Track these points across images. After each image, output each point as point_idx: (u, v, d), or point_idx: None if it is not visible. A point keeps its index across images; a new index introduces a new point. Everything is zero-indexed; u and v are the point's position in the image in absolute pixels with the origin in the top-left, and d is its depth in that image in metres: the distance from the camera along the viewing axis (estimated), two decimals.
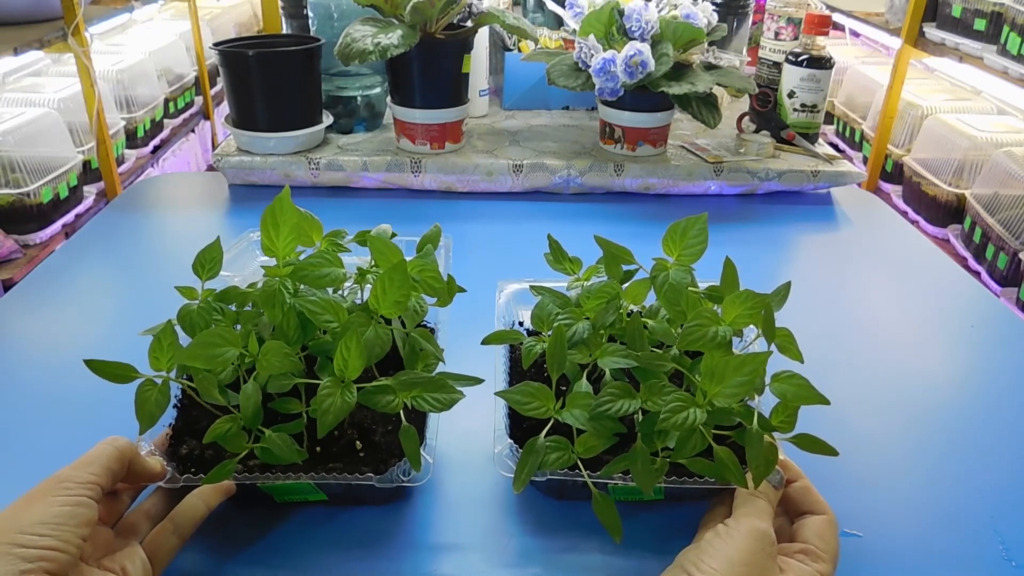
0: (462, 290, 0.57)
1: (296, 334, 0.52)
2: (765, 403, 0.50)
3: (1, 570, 0.38)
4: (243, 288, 0.56)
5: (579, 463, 0.49)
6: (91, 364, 0.48)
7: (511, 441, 0.52)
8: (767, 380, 0.49)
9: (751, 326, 0.52)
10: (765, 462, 0.47)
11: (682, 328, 0.51)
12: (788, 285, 0.53)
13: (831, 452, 0.49)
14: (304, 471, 0.49)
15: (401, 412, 0.50)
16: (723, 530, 0.44)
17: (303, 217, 0.55)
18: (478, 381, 0.52)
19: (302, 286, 0.53)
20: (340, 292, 0.58)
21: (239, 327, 0.53)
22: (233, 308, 0.55)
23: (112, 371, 0.49)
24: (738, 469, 0.47)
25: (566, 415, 0.49)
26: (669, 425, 0.46)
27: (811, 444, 0.49)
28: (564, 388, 0.53)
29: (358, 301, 0.58)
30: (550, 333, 0.52)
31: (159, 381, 0.49)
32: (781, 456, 0.50)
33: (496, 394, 0.51)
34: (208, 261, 0.54)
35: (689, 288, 0.54)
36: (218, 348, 0.48)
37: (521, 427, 0.54)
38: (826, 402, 0.48)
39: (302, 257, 0.54)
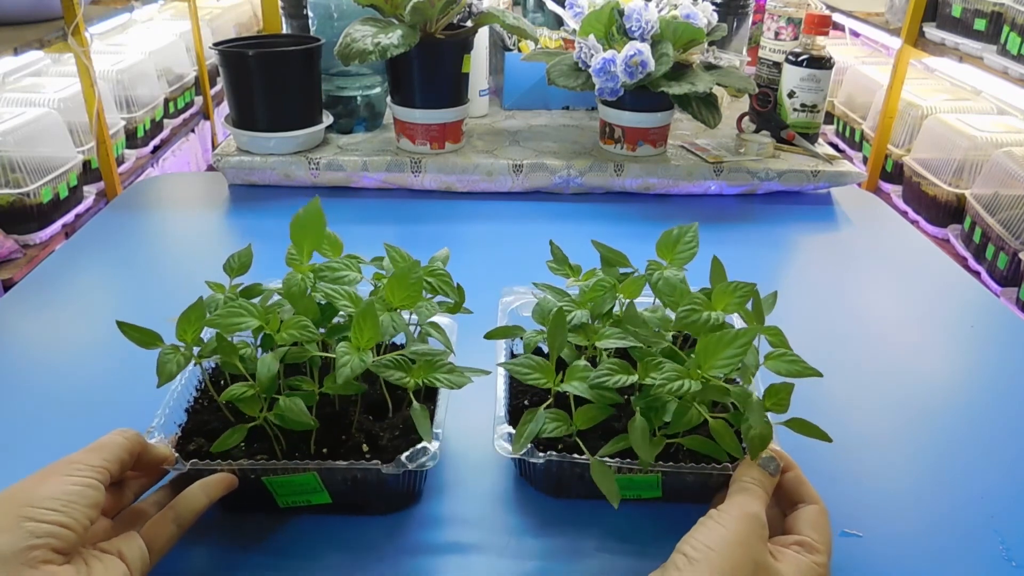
0: (468, 311, 0.59)
1: (315, 319, 0.54)
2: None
3: (10, 541, 0.38)
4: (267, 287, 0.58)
5: (579, 442, 0.51)
6: (122, 326, 0.51)
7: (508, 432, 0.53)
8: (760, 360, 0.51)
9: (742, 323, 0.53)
10: (760, 437, 0.48)
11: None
12: (774, 295, 0.55)
13: (824, 437, 0.50)
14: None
15: (411, 393, 0.52)
16: (715, 513, 0.45)
17: (327, 234, 0.58)
18: (485, 372, 0.53)
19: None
20: None
21: None
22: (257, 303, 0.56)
23: (141, 335, 0.51)
24: (734, 440, 0.49)
25: (566, 386, 0.51)
26: (664, 391, 0.47)
27: (804, 428, 0.50)
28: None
29: None
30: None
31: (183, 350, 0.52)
32: (775, 445, 0.51)
33: (499, 365, 0.54)
34: (238, 263, 0.57)
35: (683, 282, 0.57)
36: (241, 317, 0.51)
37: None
38: (819, 374, 0.50)
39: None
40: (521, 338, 0.57)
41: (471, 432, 0.61)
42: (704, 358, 0.48)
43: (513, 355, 0.63)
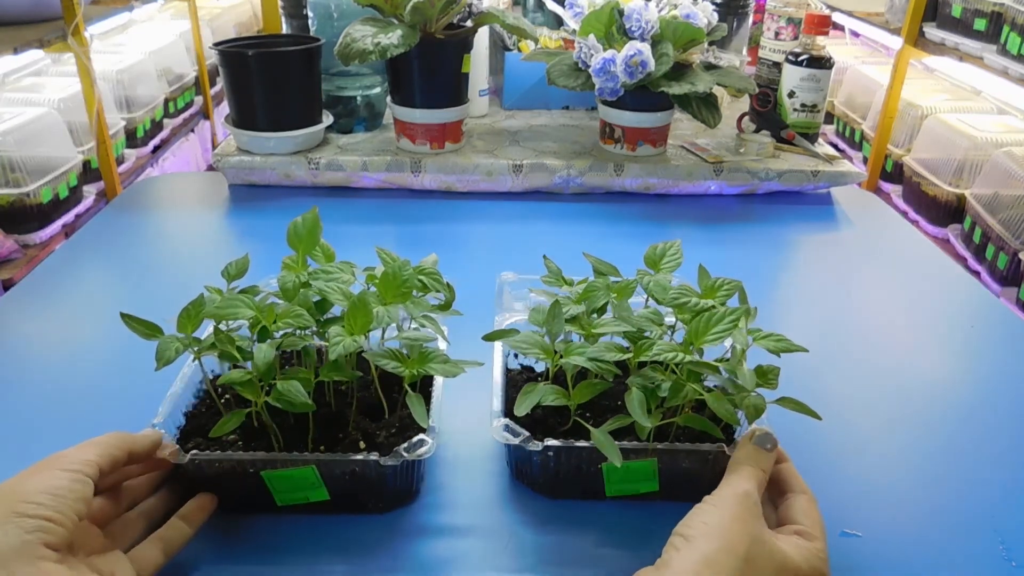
0: (458, 313, 0.59)
1: (310, 312, 0.54)
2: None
3: (4, 538, 0.38)
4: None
5: (579, 420, 0.53)
6: (125, 317, 0.52)
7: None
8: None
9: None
10: (754, 406, 0.50)
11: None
12: (755, 309, 0.56)
13: (813, 415, 0.51)
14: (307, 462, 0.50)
15: (407, 384, 0.53)
16: (709, 497, 0.46)
17: (321, 243, 0.60)
18: (478, 364, 0.54)
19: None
20: None
21: None
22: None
23: (143, 327, 0.53)
24: (728, 409, 0.50)
25: (565, 359, 0.53)
26: (660, 358, 0.51)
27: (794, 405, 0.51)
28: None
29: None
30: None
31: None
32: (769, 430, 0.51)
33: (503, 341, 0.55)
34: (235, 269, 0.59)
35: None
36: (237, 308, 0.53)
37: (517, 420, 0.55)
38: (804, 350, 0.52)
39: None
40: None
41: (466, 435, 0.61)
42: (696, 336, 0.51)
43: (509, 367, 0.64)
